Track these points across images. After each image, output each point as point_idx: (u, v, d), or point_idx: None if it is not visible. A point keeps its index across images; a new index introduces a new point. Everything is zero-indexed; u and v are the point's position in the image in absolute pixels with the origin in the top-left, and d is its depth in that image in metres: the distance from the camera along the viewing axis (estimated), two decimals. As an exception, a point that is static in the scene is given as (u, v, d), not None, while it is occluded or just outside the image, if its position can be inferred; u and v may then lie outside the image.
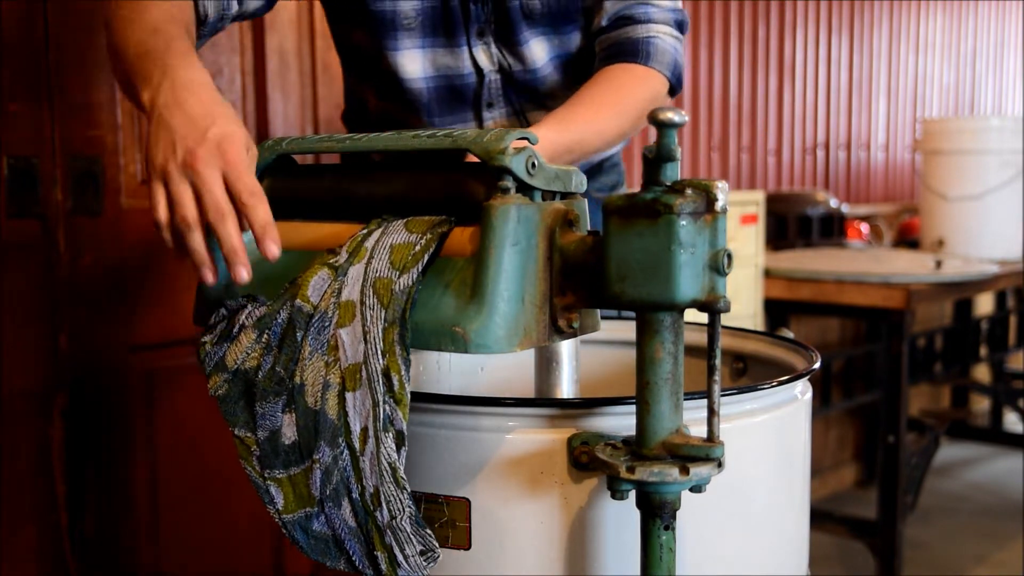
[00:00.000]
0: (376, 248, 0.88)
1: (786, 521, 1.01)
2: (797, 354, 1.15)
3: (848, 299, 2.88)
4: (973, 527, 3.44)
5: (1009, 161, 3.47)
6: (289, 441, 0.89)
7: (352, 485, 0.87)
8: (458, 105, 1.35)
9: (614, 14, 1.32)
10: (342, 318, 0.86)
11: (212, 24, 1.18)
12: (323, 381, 0.86)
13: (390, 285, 0.85)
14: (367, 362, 0.85)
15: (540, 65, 1.35)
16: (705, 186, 0.78)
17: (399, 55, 1.31)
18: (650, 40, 1.30)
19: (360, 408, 0.85)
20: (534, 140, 0.90)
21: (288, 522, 0.89)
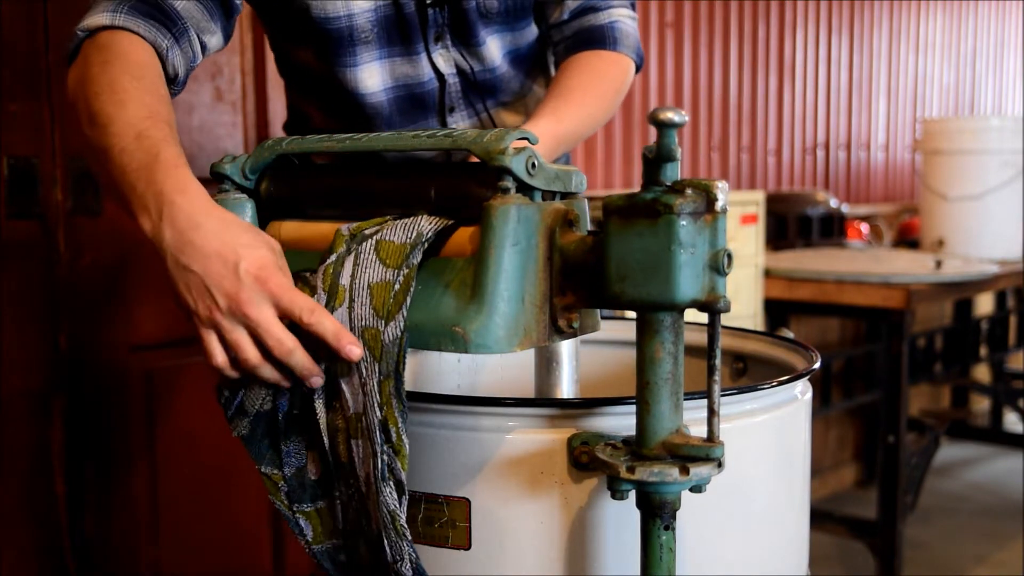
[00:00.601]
0: (354, 288, 0.86)
1: (786, 521, 1.01)
2: (797, 354, 1.15)
3: (848, 299, 2.88)
4: (973, 527, 3.44)
5: (1009, 161, 3.47)
6: (314, 477, 0.92)
7: (364, 524, 0.89)
8: (420, 113, 1.33)
9: (577, 7, 1.36)
10: (340, 369, 0.87)
11: (183, 81, 1.15)
12: (334, 425, 0.88)
13: (379, 336, 0.85)
14: (366, 413, 0.85)
15: (498, 63, 1.35)
16: (705, 186, 0.78)
17: (357, 71, 1.27)
18: (614, 25, 1.35)
19: (362, 455, 0.86)
20: (534, 140, 0.90)
21: (318, 552, 0.92)
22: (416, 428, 0.92)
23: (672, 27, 3.36)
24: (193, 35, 1.13)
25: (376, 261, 0.87)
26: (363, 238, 0.89)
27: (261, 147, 0.99)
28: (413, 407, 0.93)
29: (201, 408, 2.07)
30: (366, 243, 0.88)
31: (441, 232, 0.90)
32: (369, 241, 0.88)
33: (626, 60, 1.36)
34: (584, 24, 1.35)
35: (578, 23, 1.36)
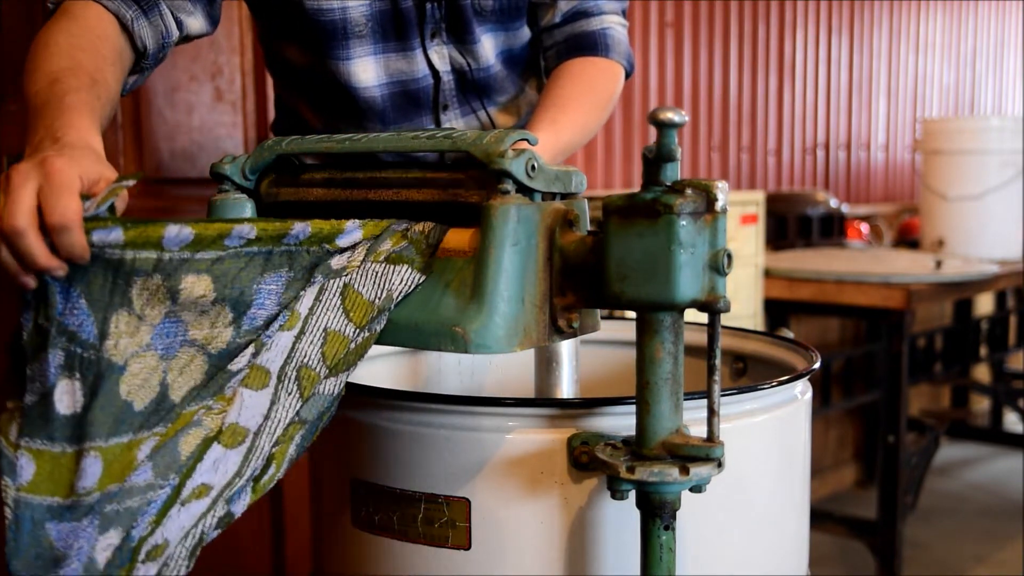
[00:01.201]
0: (309, 324, 0.84)
1: (786, 521, 1.01)
2: (797, 354, 1.15)
3: (848, 299, 2.88)
4: (973, 527, 3.44)
5: (1009, 161, 3.47)
6: (67, 411, 0.77)
7: (139, 523, 0.77)
8: (414, 110, 1.33)
9: (568, 11, 1.35)
10: (250, 379, 0.82)
11: (154, 55, 1.14)
12: (175, 401, 0.81)
13: (315, 382, 0.83)
14: (258, 436, 0.81)
15: (492, 62, 1.35)
16: (705, 186, 0.78)
17: (350, 64, 1.27)
18: (605, 32, 1.34)
19: (222, 468, 0.79)
20: (533, 141, 0.90)
21: (23, 502, 0.75)
22: (416, 428, 0.92)
23: (672, 27, 3.36)
24: (165, 9, 1.14)
25: (340, 309, 0.85)
26: (333, 274, 0.86)
27: (261, 147, 0.99)
28: (413, 407, 0.93)
29: (201, 408, 2.07)
30: (334, 282, 0.86)
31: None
32: (337, 281, 0.86)
33: (617, 67, 1.36)
34: (576, 30, 1.35)
35: (570, 28, 1.35)
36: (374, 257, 0.87)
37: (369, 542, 0.96)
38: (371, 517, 0.95)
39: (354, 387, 0.99)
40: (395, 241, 0.88)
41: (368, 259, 0.87)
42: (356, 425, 0.97)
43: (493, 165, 0.84)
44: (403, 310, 0.86)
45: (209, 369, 0.83)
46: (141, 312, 0.80)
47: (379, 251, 0.87)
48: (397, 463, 0.93)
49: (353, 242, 0.88)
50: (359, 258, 0.88)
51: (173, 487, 0.78)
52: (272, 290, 0.85)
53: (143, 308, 0.80)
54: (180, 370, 0.82)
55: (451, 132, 0.91)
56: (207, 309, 0.82)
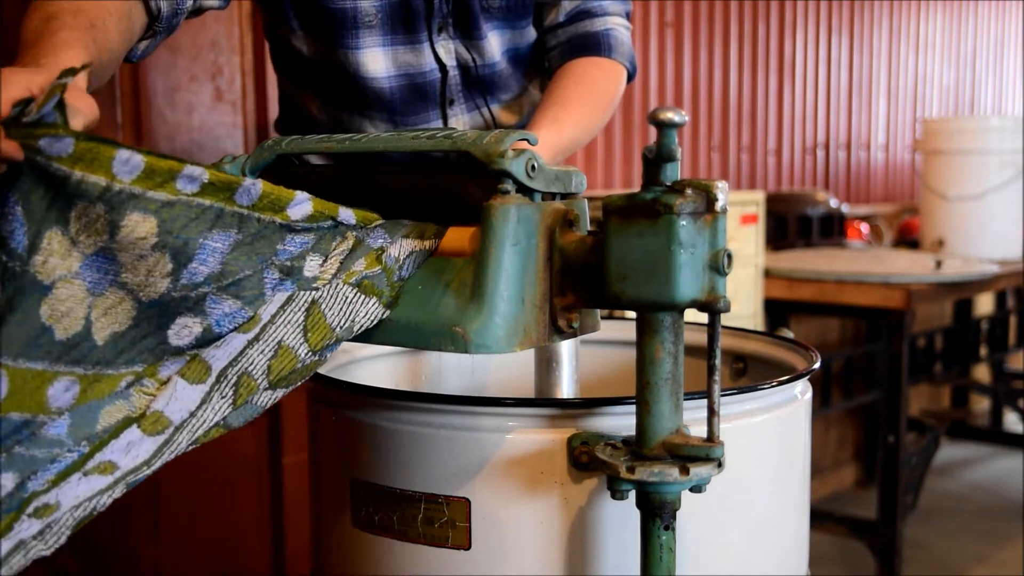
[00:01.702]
0: (267, 332, 0.82)
1: (786, 521, 1.01)
2: (797, 354, 1.15)
3: (848, 299, 2.88)
4: (973, 527, 3.44)
5: (1009, 161, 3.47)
6: None
7: (38, 477, 0.75)
8: (421, 103, 1.33)
9: (572, 10, 1.36)
10: (189, 370, 0.80)
11: (167, 19, 1.14)
12: (97, 343, 0.78)
13: (252, 391, 0.80)
14: (178, 431, 0.79)
15: (497, 59, 1.36)
16: (705, 186, 0.78)
17: (360, 54, 1.28)
18: (609, 33, 1.35)
19: (134, 452, 0.78)
20: (533, 141, 0.90)
21: None
22: (416, 428, 0.92)
23: (672, 27, 3.36)
24: None
25: (301, 327, 0.83)
26: (304, 283, 0.85)
27: (261, 147, 0.99)
28: (413, 407, 0.93)
29: (201, 408, 2.07)
30: (304, 295, 0.84)
31: None
32: (307, 296, 0.84)
33: (620, 68, 1.36)
34: (580, 30, 1.36)
35: (574, 28, 1.36)
36: (347, 277, 0.85)
37: (369, 542, 0.96)
38: (371, 517, 0.95)
39: (354, 387, 0.99)
40: (369, 263, 0.86)
41: (340, 275, 0.85)
42: (356, 425, 0.97)
43: (493, 165, 0.84)
44: (403, 310, 0.86)
45: (137, 317, 0.80)
46: (76, 237, 0.77)
47: (352, 270, 0.85)
48: (397, 463, 0.93)
49: (304, 214, 0.85)
50: (331, 270, 0.86)
51: (81, 455, 0.77)
52: (217, 248, 0.81)
53: (79, 234, 0.77)
54: (106, 310, 0.79)
55: (451, 132, 0.91)
56: (146, 255, 0.79)
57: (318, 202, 0.86)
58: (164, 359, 0.81)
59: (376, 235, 0.88)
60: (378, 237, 0.88)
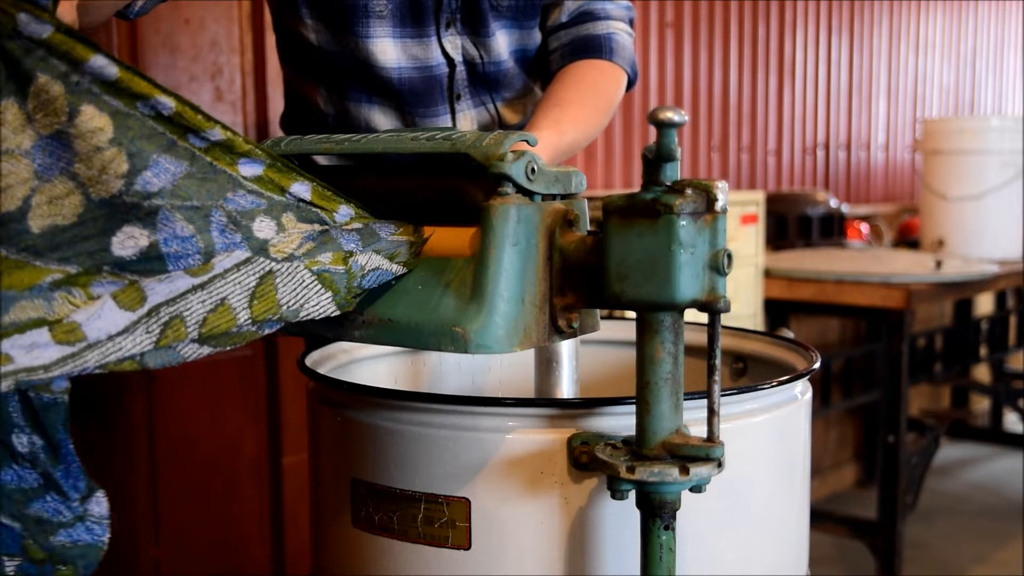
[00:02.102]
0: (214, 284, 0.78)
1: (786, 521, 1.01)
2: (797, 354, 1.15)
3: (848, 299, 2.88)
4: (973, 527, 3.44)
5: (1009, 161, 3.47)
6: None
7: None
8: (430, 97, 1.34)
9: (575, 11, 1.37)
10: (124, 295, 0.75)
11: None
12: (31, 230, 0.74)
13: (179, 339, 0.77)
14: (89, 349, 0.74)
15: (504, 58, 1.36)
16: (705, 186, 0.78)
17: (371, 43, 1.29)
18: (611, 36, 1.36)
19: (36, 353, 0.73)
20: (533, 142, 0.90)
21: None
22: (416, 428, 0.92)
23: (672, 27, 3.36)
24: None
25: (249, 292, 0.79)
26: (257, 245, 0.82)
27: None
28: (413, 407, 0.93)
29: (201, 408, 2.07)
30: (262, 261, 0.81)
31: None
32: (265, 263, 0.81)
33: (620, 72, 1.37)
34: (582, 32, 1.37)
35: (576, 30, 1.37)
36: (309, 263, 0.83)
37: (369, 542, 0.96)
38: (371, 517, 0.95)
39: (354, 387, 0.99)
40: (335, 260, 0.84)
41: (303, 259, 0.83)
42: (356, 425, 0.97)
43: (493, 168, 0.84)
44: (403, 310, 0.86)
45: (83, 215, 0.76)
46: (32, 114, 0.74)
47: (317, 259, 0.83)
48: (397, 463, 0.93)
49: (253, 174, 0.83)
50: (292, 245, 0.83)
51: None
52: (169, 170, 0.78)
53: (35, 111, 0.74)
54: (51, 199, 0.75)
55: (451, 134, 0.91)
56: (103, 148, 0.75)
57: (271, 170, 0.84)
58: (101, 273, 0.76)
59: (349, 238, 0.86)
60: (350, 241, 0.86)
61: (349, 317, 0.87)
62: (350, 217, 0.89)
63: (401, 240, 0.89)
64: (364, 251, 0.86)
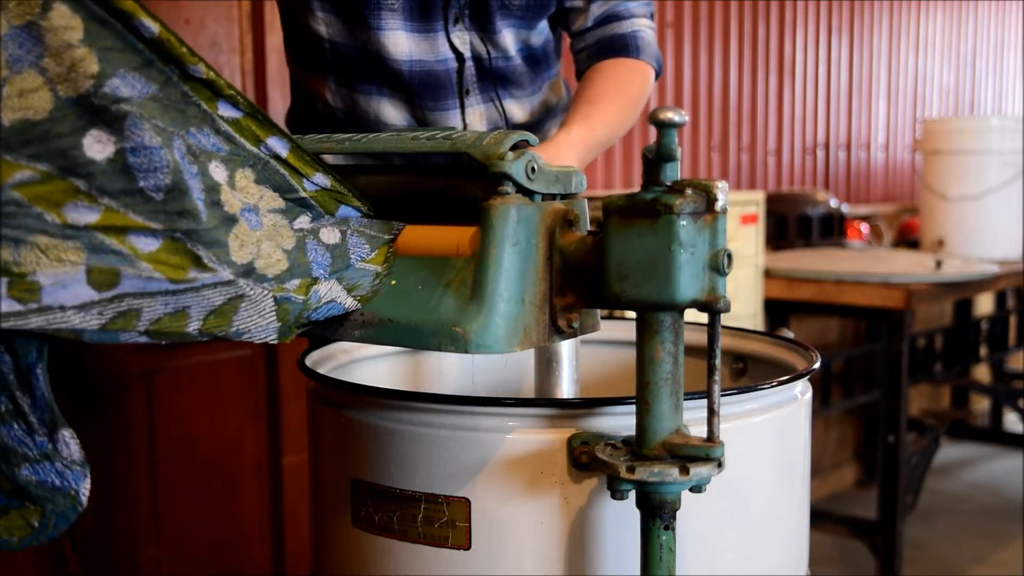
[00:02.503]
0: (184, 294, 0.76)
1: (786, 521, 1.01)
2: (797, 354, 1.15)
3: (848, 299, 2.88)
4: (973, 527, 3.44)
5: (1009, 161, 3.47)
6: None
7: None
8: (440, 91, 1.36)
9: (600, 15, 1.41)
10: (96, 273, 0.73)
11: None
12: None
13: (127, 328, 0.75)
14: (41, 312, 0.71)
15: (512, 54, 1.39)
16: (705, 186, 0.78)
17: (382, 35, 1.30)
18: (636, 34, 1.40)
19: None
20: (533, 142, 0.90)
21: None
22: (416, 428, 0.92)
23: (672, 27, 3.36)
24: None
25: (212, 308, 0.78)
26: (209, 182, 0.78)
27: (261, 147, 0.98)
28: (413, 407, 0.93)
29: (201, 408, 2.07)
30: (236, 286, 0.79)
31: None
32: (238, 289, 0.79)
33: (648, 68, 1.40)
34: (608, 32, 1.40)
35: (601, 31, 1.41)
36: (277, 289, 0.82)
37: (369, 542, 0.96)
38: (371, 517, 0.95)
39: (354, 387, 0.99)
40: (300, 288, 0.83)
41: (273, 283, 0.82)
42: (356, 425, 0.97)
43: (493, 168, 0.84)
44: (403, 310, 0.86)
45: (53, 111, 0.72)
46: (5, 2, 0.71)
47: (284, 286, 0.82)
48: (397, 463, 0.93)
49: (232, 116, 0.81)
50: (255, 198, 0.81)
51: None
52: (136, 86, 0.75)
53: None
54: (21, 91, 0.72)
55: (451, 133, 0.91)
56: (74, 46, 0.72)
57: (252, 120, 0.82)
58: (77, 193, 0.73)
59: (321, 259, 0.85)
60: (321, 264, 0.85)
61: (349, 317, 0.87)
62: (322, 188, 0.87)
63: (368, 270, 0.88)
64: (328, 279, 0.85)
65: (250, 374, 2.16)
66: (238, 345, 2.13)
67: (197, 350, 2.07)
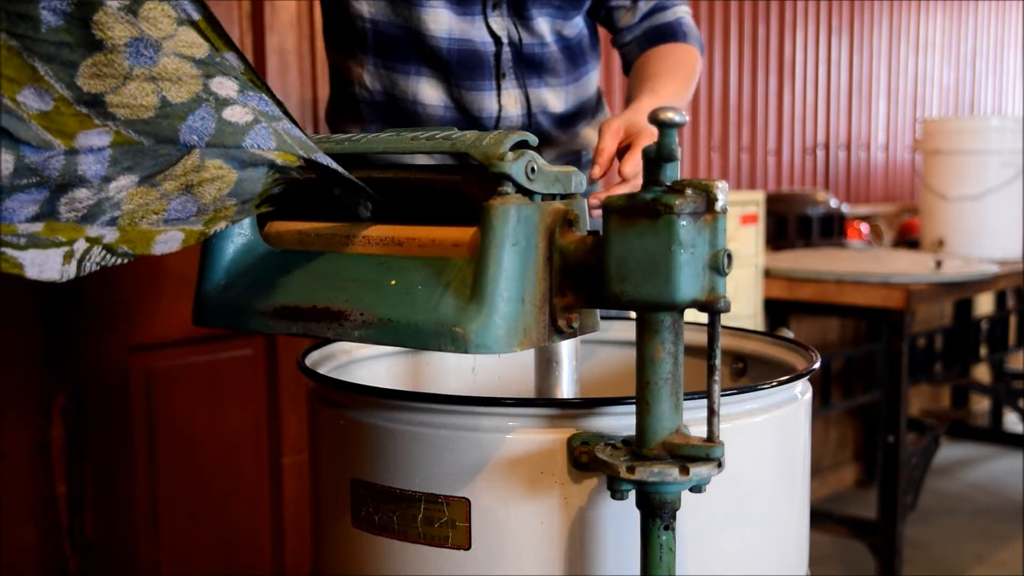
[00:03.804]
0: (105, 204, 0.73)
1: (786, 521, 1.01)
2: (797, 354, 1.15)
3: (848, 299, 2.88)
4: (973, 527, 3.44)
5: (1009, 161, 3.47)
6: None
7: None
8: (477, 72, 1.40)
9: (647, 10, 1.49)
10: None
11: None
12: None
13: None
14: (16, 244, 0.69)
15: (548, 41, 1.44)
16: (705, 186, 0.78)
17: (424, 11, 1.35)
18: (680, 21, 1.50)
19: None
20: (533, 143, 0.90)
21: None
22: (416, 428, 0.92)
23: (672, 27, 3.35)
24: None
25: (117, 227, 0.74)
26: None
27: (261, 147, 0.98)
28: (413, 407, 0.94)
29: (201, 408, 2.07)
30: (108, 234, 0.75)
31: None
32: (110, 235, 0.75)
33: (695, 51, 1.49)
34: (654, 22, 1.49)
35: (648, 22, 1.49)
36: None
37: (369, 542, 0.96)
38: (371, 517, 0.95)
39: (354, 387, 0.99)
40: None
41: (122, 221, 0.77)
42: (356, 425, 0.97)
43: (493, 168, 0.84)
44: (403, 310, 0.86)
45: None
46: None
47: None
48: (397, 463, 0.93)
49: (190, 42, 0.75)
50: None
51: None
52: (59, 10, 0.71)
53: None
54: None
55: (451, 133, 0.91)
56: None
57: (209, 31, 0.76)
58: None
59: None
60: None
61: (349, 317, 0.87)
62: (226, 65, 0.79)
63: (264, 159, 0.79)
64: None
65: (250, 374, 2.16)
66: (238, 345, 2.13)
67: (197, 350, 2.07)
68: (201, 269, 0.97)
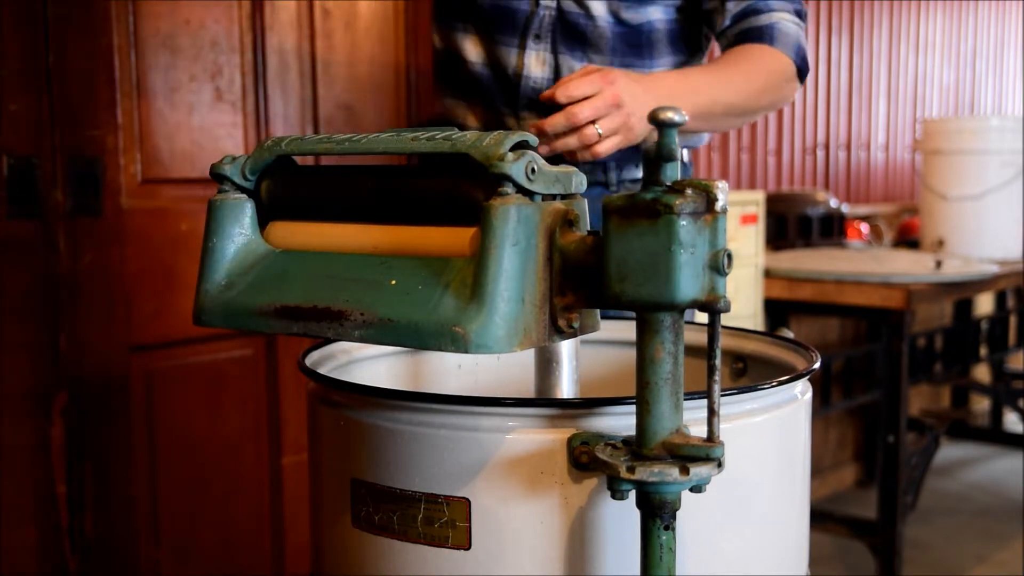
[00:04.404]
0: None
1: (786, 521, 1.01)
2: (797, 354, 1.15)
3: (848, 299, 2.88)
4: (973, 527, 3.44)
5: (1009, 161, 3.47)
6: None
7: None
8: (509, 28, 1.42)
9: (737, 11, 1.43)
10: None
11: None
12: None
13: None
14: None
15: (599, 14, 1.42)
16: (705, 186, 0.78)
17: None
18: (773, 24, 1.42)
19: None
20: (533, 143, 0.90)
21: None
22: (416, 428, 0.92)
23: (672, 27, 3.35)
24: None
25: None
26: None
27: (261, 147, 0.99)
28: (413, 407, 0.94)
29: (201, 408, 2.07)
30: None
31: None
32: None
33: (783, 57, 1.40)
34: (744, 26, 1.44)
35: (739, 26, 1.44)
36: None
37: (369, 542, 0.96)
38: (371, 517, 0.95)
39: (354, 387, 0.99)
40: None
41: None
42: (356, 425, 0.97)
43: (493, 169, 0.84)
44: (403, 310, 0.86)
45: None
46: None
47: None
48: (397, 463, 0.93)
49: None
50: None
51: None
52: None
53: None
54: None
55: (451, 134, 0.91)
56: None
57: None
58: None
59: None
60: None
61: (350, 317, 0.87)
62: None
63: None
64: None
65: (250, 374, 2.16)
66: (238, 345, 2.13)
67: (197, 350, 2.07)
68: (201, 269, 0.97)
